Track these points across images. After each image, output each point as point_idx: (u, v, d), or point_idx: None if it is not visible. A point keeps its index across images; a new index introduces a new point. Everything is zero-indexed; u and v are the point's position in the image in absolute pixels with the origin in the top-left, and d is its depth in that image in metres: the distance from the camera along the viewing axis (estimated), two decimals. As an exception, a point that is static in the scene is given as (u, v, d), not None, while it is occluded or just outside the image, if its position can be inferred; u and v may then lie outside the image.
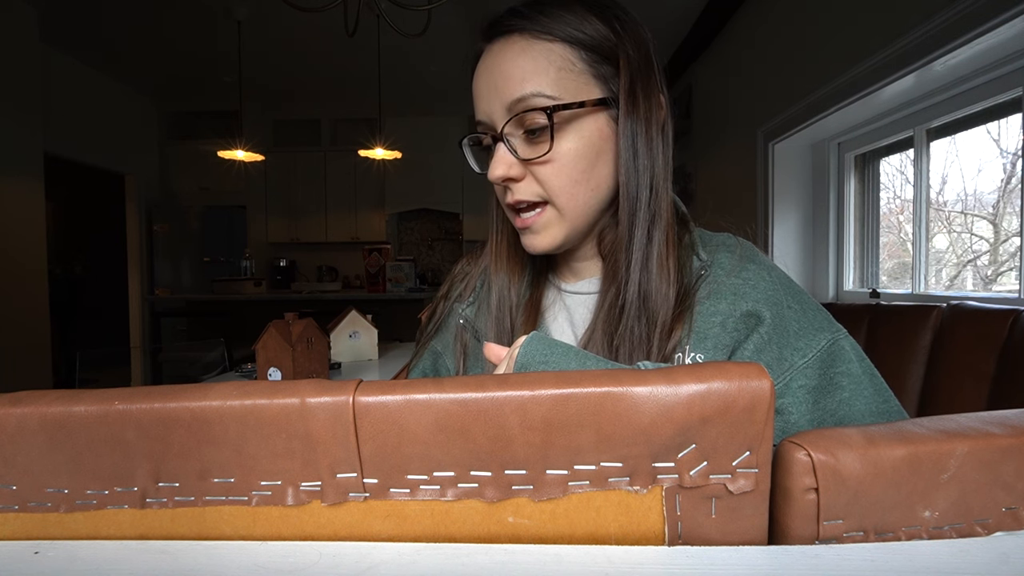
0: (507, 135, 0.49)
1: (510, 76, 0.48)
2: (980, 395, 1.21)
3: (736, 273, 0.50)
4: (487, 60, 0.50)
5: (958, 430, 0.27)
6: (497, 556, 0.24)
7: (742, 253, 0.52)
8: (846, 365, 0.46)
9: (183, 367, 3.64)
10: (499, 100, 0.49)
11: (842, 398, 0.45)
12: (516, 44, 0.49)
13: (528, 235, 0.52)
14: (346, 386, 0.25)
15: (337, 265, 5.32)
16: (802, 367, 0.46)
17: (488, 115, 0.50)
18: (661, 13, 2.99)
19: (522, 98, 0.47)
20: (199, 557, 0.25)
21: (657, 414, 0.23)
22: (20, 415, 0.25)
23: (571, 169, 0.49)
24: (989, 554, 0.24)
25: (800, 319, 0.49)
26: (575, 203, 0.50)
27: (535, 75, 0.47)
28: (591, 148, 0.49)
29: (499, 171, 0.49)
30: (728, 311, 0.48)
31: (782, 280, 0.51)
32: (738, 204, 2.76)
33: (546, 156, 0.48)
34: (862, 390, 0.46)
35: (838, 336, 0.48)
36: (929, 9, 1.44)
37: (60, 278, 4.92)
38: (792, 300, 0.50)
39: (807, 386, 0.46)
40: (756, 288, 0.49)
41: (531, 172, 0.50)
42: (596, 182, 0.50)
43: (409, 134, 4.82)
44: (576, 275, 0.58)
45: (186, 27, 3.36)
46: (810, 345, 0.47)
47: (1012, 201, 1.59)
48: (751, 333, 0.47)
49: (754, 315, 0.48)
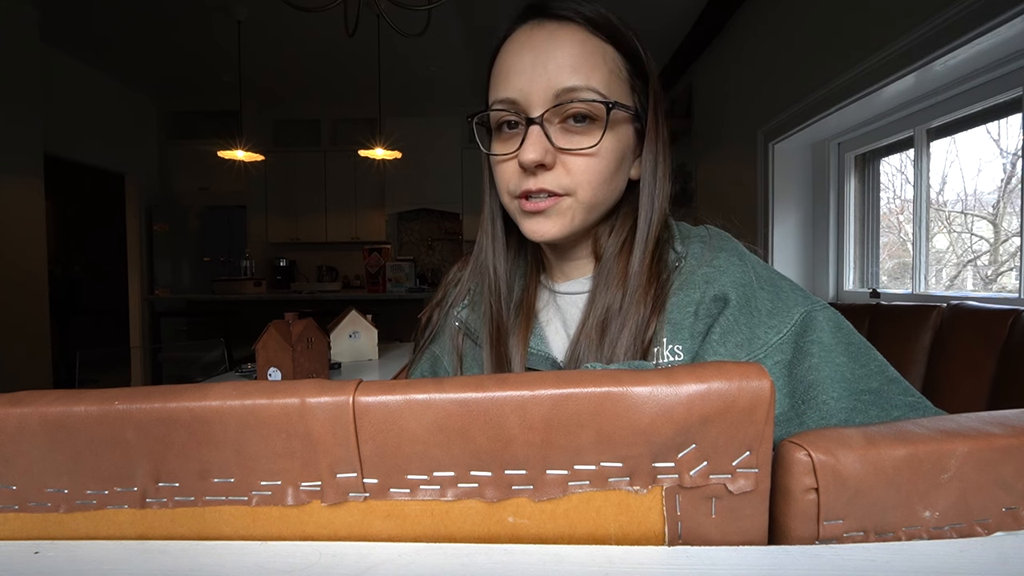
0: (545, 121, 0.48)
1: (564, 62, 0.47)
2: (980, 395, 1.21)
3: (708, 262, 0.51)
4: (536, 37, 0.49)
5: (958, 430, 0.27)
6: (497, 556, 0.24)
7: (713, 243, 0.53)
8: (817, 334, 0.46)
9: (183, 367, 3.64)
10: (545, 82, 0.47)
11: (811, 364, 0.45)
12: (574, 33, 0.48)
13: (536, 220, 0.51)
14: (346, 386, 0.25)
15: (337, 265, 5.31)
16: (777, 343, 0.46)
17: (524, 94, 0.48)
18: (661, 13, 2.98)
19: (575, 88, 0.47)
20: (199, 557, 0.25)
21: (657, 414, 0.23)
22: (20, 415, 0.25)
23: (605, 168, 0.49)
24: (989, 554, 0.24)
25: (773, 298, 0.49)
26: (597, 200, 0.50)
27: (592, 70, 0.48)
28: (622, 152, 0.51)
29: (534, 155, 0.47)
30: (699, 299, 0.49)
31: (754, 264, 0.51)
32: (738, 204, 2.76)
33: (591, 149, 0.48)
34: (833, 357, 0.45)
35: (812, 308, 0.48)
36: (929, 9, 1.44)
37: (60, 278, 4.92)
38: (764, 281, 0.50)
39: (783, 361, 0.46)
40: (725, 273, 0.49)
41: (563, 162, 0.49)
42: (615, 185, 0.52)
43: (409, 134, 4.82)
44: (566, 275, 0.58)
45: (186, 27, 3.35)
46: (784, 321, 0.47)
47: (1012, 201, 1.59)
48: (719, 316, 0.48)
49: (721, 298, 0.48)
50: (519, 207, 0.51)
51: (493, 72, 0.52)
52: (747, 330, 0.47)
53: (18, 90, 2.96)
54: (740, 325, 0.47)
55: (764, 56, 2.47)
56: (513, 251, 0.60)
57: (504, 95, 0.49)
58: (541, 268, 0.60)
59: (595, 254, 0.56)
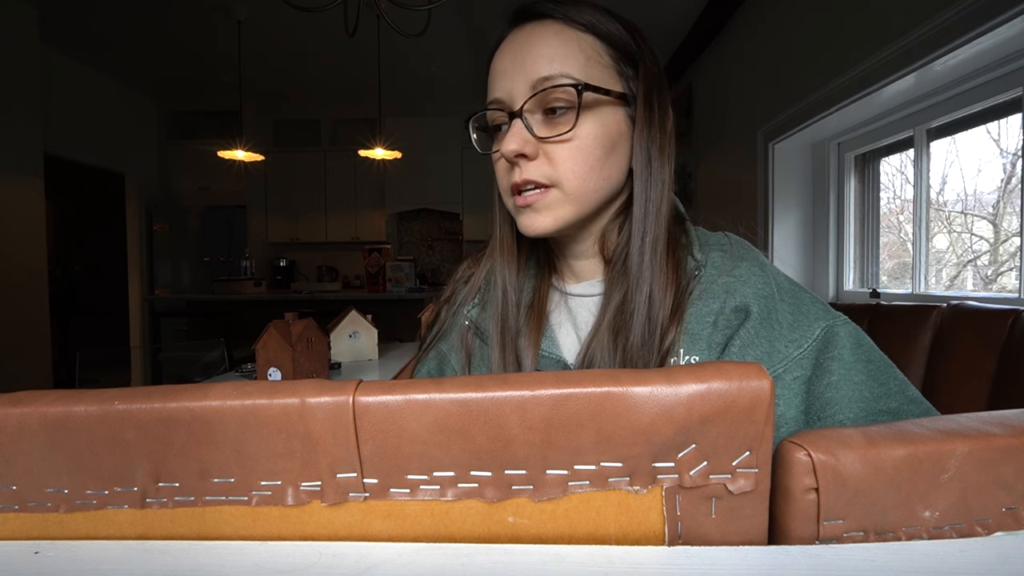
0: (526, 112, 0.49)
1: (540, 55, 0.48)
2: (980, 395, 1.21)
3: (728, 272, 0.50)
4: (515, 40, 0.50)
5: (958, 430, 0.27)
6: (497, 556, 0.24)
7: (734, 252, 0.52)
8: (837, 350, 0.46)
9: (183, 367, 3.64)
10: (524, 77, 0.48)
11: (829, 381, 0.45)
12: (549, 28, 0.49)
13: (528, 214, 0.51)
14: (346, 386, 0.25)
15: (337, 265, 5.31)
16: (797, 358, 0.46)
17: (508, 92, 0.50)
18: (661, 13, 2.98)
19: (549, 77, 0.47)
20: (199, 557, 0.25)
21: (657, 414, 0.23)
22: (20, 415, 0.25)
23: (587, 154, 0.49)
24: (989, 554, 0.24)
25: (795, 311, 0.48)
26: (585, 188, 0.50)
27: (566, 58, 0.48)
28: (608, 138, 0.50)
29: (513, 145, 0.48)
30: (719, 309, 0.48)
31: (775, 275, 0.51)
32: (738, 204, 2.76)
33: (567, 135, 0.48)
34: (852, 375, 0.45)
35: (834, 323, 0.47)
36: (929, 9, 1.44)
37: (60, 278, 4.92)
38: (785, 294, 0.49)
39: (802, 377, 0.46)
40: (746, 284, 0.49)
41: (545, 152, 0.49)
42: (608, 172, 0.50)
43: (409, 134, 4.82)
44: (577, 276, 0.58)
45: (186, 27, 3.35)
46: (805, 336, 0.47)
47: (1012, 201, 1.59)
48: (739, 328, 0.47)
49: (742, 309, 0.48)
50: (514, 204, 0.52)
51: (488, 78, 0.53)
52: (767, 343, 0.46)
53: (18, 90, 2.96)
54: (760, 338, 0.46)
55: (764, 56, 2.47)
56: (524, 253, 0.59)
57: (492, 96, 0.51)
58: (552, 270, 0.60)
59: (603, 254, 0.55)
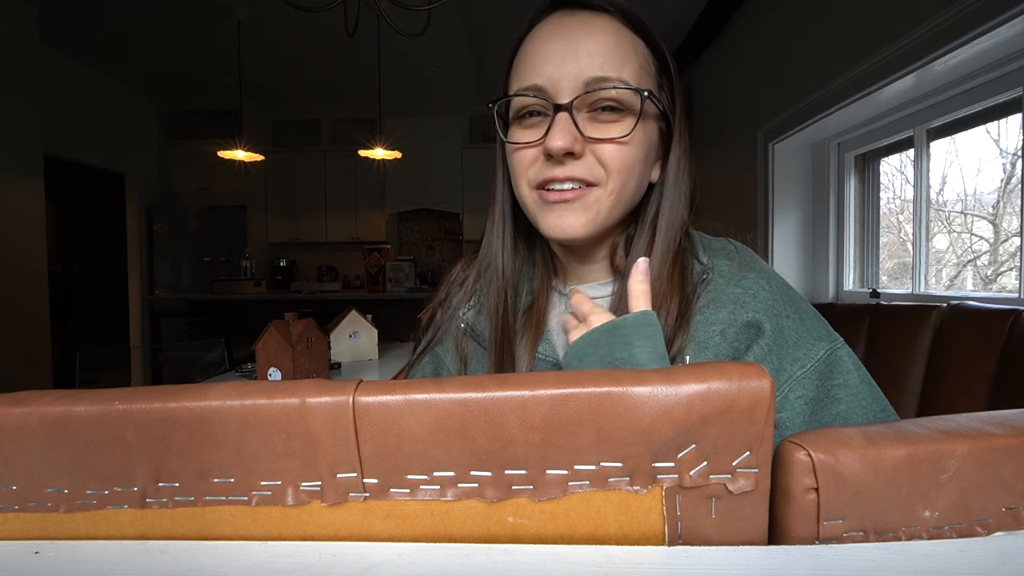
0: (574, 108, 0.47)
1: (596, 52, 0.47)
2: (980, 395, 1.21)
3: (736, 282, 0.49)
4: (566, 25, 0.48)
5: (958, 430, 0.27)
6: (497, 556, 0.24)
7: (742, 261, 0.51)
8: (844, 376, 0.46)
9: (183, 367, 3.64)
10: (575, 69, 0.47)
11: (839, 411, 0.45)
12: (608, 24, 0.48)
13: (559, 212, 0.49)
14: (346, 386, 0.25)
15: (337, 265, 5.31)
16: (800, 378, 0.46)
17: (553, 80, 0.47)
18: (661, 13, 2.98)
19: (606, 78, 0.46)
20: (199, 557, 0.25)
21: (657, 414, 0.23)
22: (20, 415, 0.25)
23: (634, 158, 0.48)
24: (989, 554, 0.24)
25: (798, 328, 0.48)
26: (625, 194, 0.49)
27: (624, 61, 0.47)
28: (650, 146, 0.50)
29: (562, 142, 0.46)
30: (728, 320, 0.48)
31: (781, 289, 0.51)
32: (738, 204, 2.76)
33: (625, 139, 0.47)
34: (860, 401, 0.45)
35: (836, 346, 0.47)
36: (929, 9, 1.44)
37: (60, 278, 4.92)
38: (791, 309, 0.49)
39: (805, 397, 0.46)
40: (756, 297, 0.48)
41: (592, 151, 0.48)
42: (640, 179, 0.51)
43: (409, 134, 4.81)
44: (580, 279, 0.57)
45: (186, 27, 3.35)
46: (808, 355, 0.47)
47: (1012, 201, 1.59)
48: (752, 344, 0.47)
49: (754, 325, 0.47)
50: (539, 198, 0.50)
51: (517, 59, 0.51)
52: (776, 361, 0.46)
53: (18, 90, 2.96)
54: (772, 356, 0.46)
55: (764, 56, 2.47)
56: (522, 251, 0.58)
57: (530, 81, 0.48)
58: (552, 272, 0.59)
59: (611, 260, 0.55)
